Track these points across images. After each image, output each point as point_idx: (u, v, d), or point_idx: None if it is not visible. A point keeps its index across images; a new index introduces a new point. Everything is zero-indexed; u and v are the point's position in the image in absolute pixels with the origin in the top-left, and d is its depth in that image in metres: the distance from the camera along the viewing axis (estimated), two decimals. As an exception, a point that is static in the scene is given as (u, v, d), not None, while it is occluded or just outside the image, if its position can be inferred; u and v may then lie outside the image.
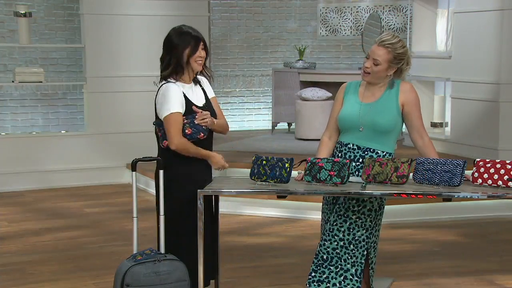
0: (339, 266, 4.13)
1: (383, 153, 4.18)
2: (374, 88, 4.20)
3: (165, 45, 4.21)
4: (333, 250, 4.14)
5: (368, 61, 4.12)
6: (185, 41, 4.11)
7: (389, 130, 4.17)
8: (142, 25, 9.17)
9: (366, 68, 4.12)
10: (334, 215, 4.15)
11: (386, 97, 4.16)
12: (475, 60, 8.15)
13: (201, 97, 4.23)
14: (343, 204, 4.14)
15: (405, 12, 10.42)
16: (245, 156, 8.08)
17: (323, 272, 4.16)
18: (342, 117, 4.22)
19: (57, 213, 7.58)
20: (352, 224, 4.13)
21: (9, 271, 5.66)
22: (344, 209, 4.13)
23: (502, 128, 7.86)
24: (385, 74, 4.14)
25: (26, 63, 9.42)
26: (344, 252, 4.13)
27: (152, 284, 3.97)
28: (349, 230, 4.13)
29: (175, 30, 4.20)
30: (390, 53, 4.08)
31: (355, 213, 4.13)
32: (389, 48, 4.08)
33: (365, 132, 4.15)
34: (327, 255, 4.16)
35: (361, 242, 4.14)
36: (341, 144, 4.24)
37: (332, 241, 4.14)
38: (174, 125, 4.07)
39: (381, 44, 4.09)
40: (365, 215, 4.14)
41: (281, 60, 10.76)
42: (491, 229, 6.96)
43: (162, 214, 4.23)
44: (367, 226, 4.15)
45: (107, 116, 9.09)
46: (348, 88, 4.29)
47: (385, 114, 4.14)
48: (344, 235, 4.13)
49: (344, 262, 4.13)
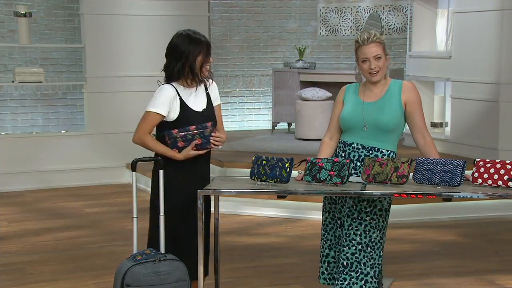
0: (359, 270, 4.14)
1: (388, 152, 4.18)
2: (375, 87, 4.21)
3: (172, 52, 4.14)
4: (352, 255, 4.14)
5: (370, 62, 4.14)
6: (197, 49, 4.09)
7: (393, 129, 4.18)
8: (142, 25, 9.17)
9: (372, 69, 4.14)
10: (348, 219, 4.15)
11: (389, 96, 4.17)
12: (475, 60, 8.15)
13: (203, 102, 4.21)
14: (354, 206, 4.14)
15: (405, 12, 10.42)
16: (245, 156, 8.08)
17: (345, 279, 4.15)
18: (344, 116, 4.22)
19: (57, 213, 7.58)
20: (367, 226, 4.13)
21: (9, 271, 5.66)
22: (357, 212, 4.14)
23: (502, 128, 7.86)
24: (386, 65, 4.20)
25: (26, 63, 9.42)
26: (363, 256, 4.14)
27: (152, 284, 3.98)
28: (365, 233, 4.14)
29: (182, 36, 4.13)
30: (381, 44, 4.16)
31: (368, 215, 4.14)
32: (378, 41, 4.15)
33: (369, 131, 4.15)
34: (346, 261, 4.15)
35: (376, 244, 4.16)
36: (345, 143, 4.24)
37: (350, 245, 4.14)
38: (146, 122, 4.14)
39: (371, 41, 4.14)
40: (377, 215, 4.15)
41: (281, 60, 10.76)
42: (491, 229, 6.96)
43: (162, 214, 4.23)
44: (380, 227, 4.17)
45: (107, 116, 9.10)
46: (348, 89, 4.31)
47: (388, 113, 4.14)
48: (361, 238, 4.13)
49: (364, 265, 4.14)
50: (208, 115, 4.20)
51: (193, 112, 4.15)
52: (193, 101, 4.18)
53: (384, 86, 4.21)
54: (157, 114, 4.10)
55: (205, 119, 4.16)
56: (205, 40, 4.12)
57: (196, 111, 4.17)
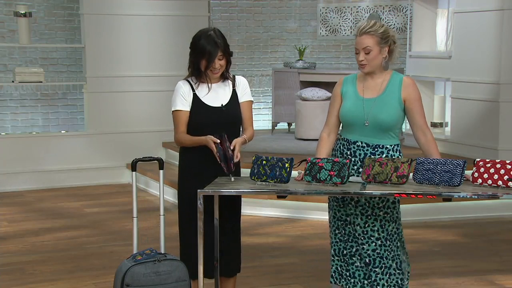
0: (383, 265, 4.16)
1: (392, 146, 4.18)
2: (374, 82, 4.18)
3: (190, 46, 4.26)
4: (373, 251, 4.16)
5: (360, 54, 4.13)
6: (200, 54, 4.17)
7: (394, 125, 4.18)
8: (142, 25, 9.17)
9: (361, 61, 4.13)
10: (362, 217, 4.16)
11: (389, 92, 4.15)
12: (475, 60, 8.15)
13: (224, 97, 4.25)
14: (367, 204, 4.15)
15: (405, 12, 10.42)
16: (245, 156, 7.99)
17: (370, 276, 4.17)
18: (345, 113, 4.19)
19: (57, 213, 7.58)
20: (383, 220, 4.16)
21: (9, 271, 5.66)
22: (370, 209, 4.15)
23: (502, 128, 7.86)
24: (380, 58, 4.13)
25: (26, 63, 9.41)
26: (384, 250, 4.16)
27: (152, 284, 3.98)
28: (382, 228, 4.16)
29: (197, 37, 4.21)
30: (374, 36, 4.09)
31: (381, 209, 4.15)
32: (371, 32, 4.09)
33: (371, 127, 4.14)
34: (369, 258, 4.16)
35: (393, 235, 4.18)
36: (349, 142, 4.22)
37: (370, 242, 4.16)
38: (174, 122, 4.27)
39: (362, 33, 4.11)
40: (390, 208, 4.17)
41: (281, 60, 10.76)
42: (491, 229, 6.96)
43: (163, 214, 4.23)
44: (395, 218, 4.19)
45: (107, 116, 9.10)
46: (345, 82, 4.27)
47: (388, 111, 4.12)
48: (380, 234, 4.15)
49: (386, 259, 4.16)
50: (228, 110, 4.23)
51: (206, 107, 4.19)
52: (211, 96, 4.22)
53: (384, 80, 4.18)
54: (178, 111, 4.23)
55: (223, 115, 4.20)
56: (209, 49, 4.13)
57: (211, 106, 4.20)
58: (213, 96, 4.23)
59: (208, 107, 4.20)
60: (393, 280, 4.18)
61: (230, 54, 4.25)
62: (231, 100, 4.26)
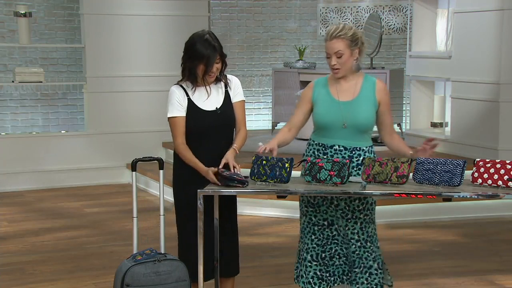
0: (362, 265, 4.19)
1: (367, 148, 4.21)
2: (348, 84, 4.20)
3: (184, 50, 4.18)
4: (352, 253, 4.19)
5: (331, 58, 4.14)
6: (198, 60, 4.10)
7: (370, 127, 4.23)
8: (142, 25, 9.17)
9: (333, 65, 4.14)
10: (343, 220, 4.18)
11: (364, 95, 4.17)
12: (475, 60, 8.14)
13: (218, 100, 4.21)
14: (347, 207, 4.16)
15: (405, 12, 10.42)
16: (245, 156, 8.03)
17: (350, 276, 4.23)
18: (322, 116, 4.19)
19: (57, 213, 7.58)
20: (363, 223, 4.18)
21: (9, 271, 5.66)
22: (350, 212, 4.15)
23: (502, 128, 7.86)
24: (351, 60, 4.15)
25: (26, 63, 9.41)
26: (363, 251, 4.19)
27: (152, 284, 3.98)
28: (362, 230, 4.18)
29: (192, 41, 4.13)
30: (345, 40, 4.11)
31: (361, 212, 4.17)
32: (341, 36, 4.10)
33: (349, 130, 4.15)
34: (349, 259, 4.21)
35: (373, 236, 4.22)
36: (325, 146, 4.22)
37: (350, 244, 4.19)
38: (172, 128, 4.17)
39: (332, 37, 4.12)
40: (369, 210, 4.20)
41: (281, 60, 10.76)
42: (491, 229, 6.96)
43: (163, 214, 4.23)
44: (373, 220, 4.23)
45: (107, 116, 9.10)
46: (316, 86, 4.27)
47: (365, 113, 4.16)
48: (359, 236, 4.17)
49: (366, 260, 4.19)
50: (223, 113, 4.20)
51: (201, 111, 4.16)
52: (205, 100, 4.18)
53: (357, 82, 4.20)
54: (175, 118, 4.15)
55: (219, 118, 4.16)
56: (207, 53, 4.09)
57: (206, 110, 4.17)
58: (206, 99, 4.18)
59: (203, 112, 4.16)
60: (374, 279, 4.19)
61: (225, 56, 4.22)
62: (225, 102, 4.23)
